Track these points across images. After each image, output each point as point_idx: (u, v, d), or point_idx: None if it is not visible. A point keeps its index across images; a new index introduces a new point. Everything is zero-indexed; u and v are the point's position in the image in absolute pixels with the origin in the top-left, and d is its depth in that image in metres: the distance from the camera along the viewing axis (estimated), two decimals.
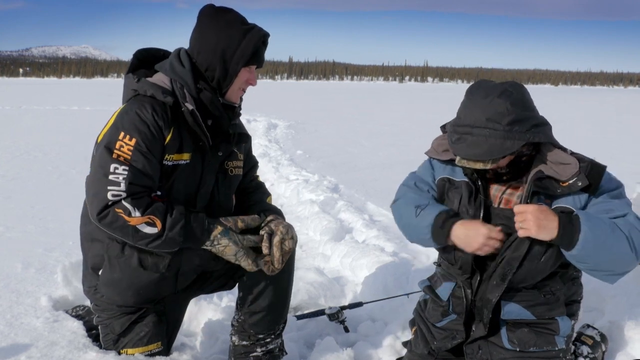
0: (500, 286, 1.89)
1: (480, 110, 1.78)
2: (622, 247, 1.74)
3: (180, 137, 2.01)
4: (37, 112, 17.96)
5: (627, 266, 1.80)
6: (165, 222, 1.91)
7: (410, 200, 2.06)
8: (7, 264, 3.33)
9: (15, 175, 6.70)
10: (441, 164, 2.08)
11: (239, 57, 1.99)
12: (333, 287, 3.19)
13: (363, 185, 6.64)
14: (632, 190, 2.96)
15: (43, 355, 2.19)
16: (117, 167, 1.90)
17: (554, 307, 1.93)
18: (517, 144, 1.76)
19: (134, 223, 1.88)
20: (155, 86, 1.99)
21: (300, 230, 4.62)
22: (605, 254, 1.75)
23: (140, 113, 1.94)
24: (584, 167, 1.80)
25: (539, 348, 1.92)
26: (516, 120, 1.76)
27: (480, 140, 1.76)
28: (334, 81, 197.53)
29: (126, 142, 1.91)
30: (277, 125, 14.44)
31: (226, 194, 2.20)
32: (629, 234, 1.75)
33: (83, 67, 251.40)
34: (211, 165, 2.10)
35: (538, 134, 1.80)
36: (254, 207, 2.25)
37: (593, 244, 1.73)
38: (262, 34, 2.02)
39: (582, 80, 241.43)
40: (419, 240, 2.05)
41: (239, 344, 2.26)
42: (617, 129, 15.26)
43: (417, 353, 2.14)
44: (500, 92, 1.78)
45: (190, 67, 2.01)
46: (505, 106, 1.75)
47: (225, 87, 2.05)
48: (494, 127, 1.75)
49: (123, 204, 1.88)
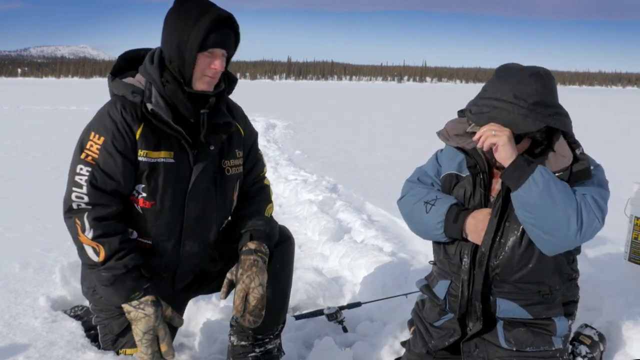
0: (480, 274, 1.91)
1: (509, 85, 1.78)
2: (569, 210, 1.72)
3: (156, 134, 1.98)
4: (36, 112, 17.94)
5: (567, 236, 1.74)
6: (108, 259, 1.90)
7: (418, 196, 2.06)
8: (6, 264, 3.32)
9: (13, 175, 6.70)
10: (449, 158, 2.07)
11: (192, 43, 1.91)
12: (332, 287, 3.19)
13: (362, 185, 6.65)
14: (629, 189, 2.96)
15: (41, 355, 2.19)
16: (82, 168, 1.92)
17: (551, 307, 1.93)
18: (538, 124, 1.76)
19: (81, 240, 1.91)
20: (127, 85, 1.99)
21: (299, 230, 4.63)
22: (550, 210, 1.72)
23: (110, 112, 1.95)
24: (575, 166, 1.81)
25: (535, 348, 1.92)
26: (542, 103, 1.77)
27: (502, 113, 1.77)
28: (332, 81, 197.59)
29: (95, 141, 1.93)
30: (276, 125, 14.44)
31: (223, 195, 2.15)
32: (580, 204, 1.74)
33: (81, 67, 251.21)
34: (203, 162, 2.04)
35: (559, 121, 1.80)
36: (245, 220, 2.17)
37: (540, 192, 1.72)
38: (216, 14, 1.91)
39: (580, 80, 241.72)
40: (429, 236, 2.05)
41: (238, 344, 2.25)
42: (616, 129, 15.27)
43: (415, 352, 2.14)
44: (533, 72, 1.80)
45: (158, 63, 1.98)
46: (535, 87, 1.77)
47: (187, 76, 1.97)
48: (519, 103, 1.76)
49: (84, 218, 1.90)
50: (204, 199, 2.09)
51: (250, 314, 1.98)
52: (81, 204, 1.92)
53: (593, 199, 1.78)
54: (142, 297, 1.94)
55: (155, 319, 1.94)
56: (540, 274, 1.89)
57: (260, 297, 1.99)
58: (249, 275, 2.00)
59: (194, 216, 2.07)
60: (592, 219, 1.75)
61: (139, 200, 1.99)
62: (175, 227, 2.05)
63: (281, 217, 5.15)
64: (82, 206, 1.92)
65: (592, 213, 1.75)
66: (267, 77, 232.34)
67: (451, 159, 2.07)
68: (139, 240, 2.04)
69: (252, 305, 1.98)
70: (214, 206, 2.12)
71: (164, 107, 1.96)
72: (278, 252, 2.21)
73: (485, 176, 1.95)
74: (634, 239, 2.92)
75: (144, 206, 1.99)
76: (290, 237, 2.31)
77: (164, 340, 1.96)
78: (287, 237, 2.30)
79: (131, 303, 1.94)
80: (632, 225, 2.92)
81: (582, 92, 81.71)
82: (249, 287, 1.99)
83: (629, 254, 2.95)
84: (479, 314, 1.95)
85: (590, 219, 1.74)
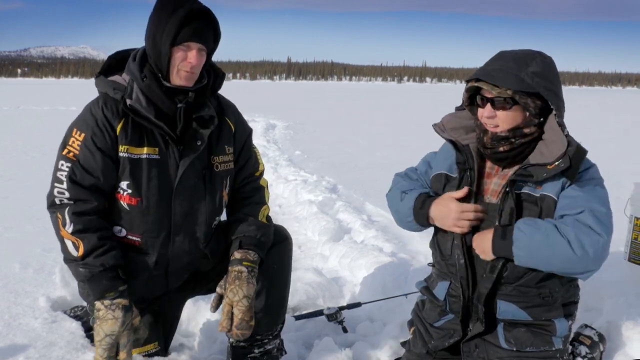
0: (490, 278, 1.90)
1: (512, 56, 1.84)
2: (558, 251, 1.73)
3: (139, 130, 1.98)
4: (35, 112, 17.94)
5: (578, 265, 1.75)
6: (87, 255, 1.92)
7: (399, 187, 2.15)
8: (5, 265, 3.32)
9: (13, 175, 6.70)
10: (442, 159, 2.08)
11: (166, 38, 1.90)
12: (331, 287, 3.19)
13: (362, 185, 6.64)
14: (629, 189, 2.96)
15: (41, 355, 2.19)
16: (63, 164, 1.97)
17: (551, 309, 1.93)
18: (532, 87, 1.78)
19: (62, 235, 1.95)
20: (109, 82, 2.01)
21: (298, 231, 4.63)
22: (545, 260, 1.77)
23: (92, 109, 1.98)
24: (571, 150, 1.80)
25: (535, 348, 1.92)
26: (540, 74, 1.80)
27: (501, 70, 1.80)
28: (332, 81, 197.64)
29: (77, 137, 1.97)
30: (276, 125, 14.44)
31: (212, 191, 2.12)
32: (572, 235, 1.72)
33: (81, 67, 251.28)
34: (189, 158, 2.02)
35: (551, 95, 1.81)
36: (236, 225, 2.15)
37: (528, 254, 1.77)
38: (189, 8, 1.89)
39: (580, 80, 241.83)
40: (405, 224, 2.12)
41: (237, 345, 2.25)
42: (615, 129, 15.28)
43: (415, 353, 2.14)
44: (538, 52, 1.86)
45: (140, 59, 1.99)
46: (537, 61, 1.82)
47: (164, 70, 1.95)
48: (518, 67, 1.79)
49: (65, 213, 1.94)
50: (192, 194, 2.07)
51: (237, 327, 1.98)
52: (63, 199, 1.96)
53: (592, 214, 1.76)
54: (115, 298, 1.93)
55: (122, 324, 1.91)
56: (542, 277, 1.89)
57: (245, 309, 1.99)
58: (232, 290, 2.01)
59: (181, 212, 2.06)
60: (594, 239, 1.73)
61: (125, 197, 1.99)
62: (163, 223, 2.04)
63: (281, 217, 5.15)
64: (64, 201, 1.96)
65: (592, 232, 1.73)
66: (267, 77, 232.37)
67: (444, 159, 2.07)
68: (128, 237, 2.04)
69: (237, 318, 1.99)
70: (202, 202, 2.10)
71: (144, 103, 1.96)
72: (276, 253, 2.21)
73: (472, 173, 1.95)
74: (634, 239, 2.92)
75: (130, 203, 2.00)
76: (288, 237, 2.31)
77: (124, 347, 1.93)
78: (285, 237, 2.30)
79: (103, 302, 1.92)
80: (632, 226, 2.92)
81: (582, 92, 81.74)
82: (232, 302, 2.00)
83: (629, 254, 2.95)
84: (481, 315, 1.95)
85: (591, 239, 1.72)
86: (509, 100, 1.80)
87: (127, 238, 2.04)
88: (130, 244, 2.04)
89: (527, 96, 1.80)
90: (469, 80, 1.90)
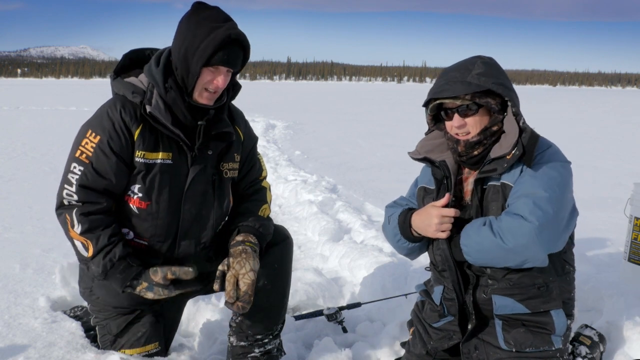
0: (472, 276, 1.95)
1: (454, 68, 1.93)
2: (493, 247, 1.80)
3: (155, 136, 1.99)
4: (35, 112, 17.94)
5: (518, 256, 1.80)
6: (96, 254, 1.94)
7: (388, 215, 2.20)
8: (5, 265, 3.32)
9: (12, 176, 6.69)
10: (423, 177, 2.16)
11: (199, 57, 1.90)
12: (331, 287, 3.19)
13: (361, 185, 6.65)
14: (629, 189, 2.96)
15: (41, 356, 2.19)
16: (75, 167, 1.95)
17: (548, 300, 1.92)
18: (481, 86, 1.83)
19: (71, 236, 1.96)
20: (127, 85, 2.00)
21: (298, 231, 4.63)
22: (489, 257, 1.84)
23: (109, 111, 1.96)
24: (525, 136, 1.85)
25: (535, 348, 1.92)
26: (485, 73, 1.87)
27: (449, 81, 1.88)
28: (332, 81, 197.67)
29: (91, 139, 1.95)
30: (276, 125, 14.44)
31: (221, 197, 2.16)
32: (505, 228, 1.78)
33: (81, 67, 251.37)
34: (199, 165, 2.05)
35: (502, 88, 1.86)
36: (236, 219, 2.19)
37: (475, 255, 1.86)
38: (227, 33, 1.88)
39: (580, 80, 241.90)
40: (397, 245, 2.15)
41: (237, 345, 2.25)
42: (615, 129, 15.28)
43: (415, 353, 2.14)
44: (477, 56, 1.94)
45: (163, 67, 1.97)
46: (477, 63, 1.90)
47: (189, 88, 1.96)
48: (464, 72, 1.88)
49: (72, 214, 1.94)
50: (201, 201, 2.10)
51: (240, 299, 1.97)
52: (72, 200, 1.95)
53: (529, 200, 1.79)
54: (136, 287, 1.99)
55: (159, 297, 2.00)
56: (530, 269, 1.89)
57: (250, 282, 1.98)
58: (239, 262, 2.00)
59: (189, 217, 2.08)
60: (523, 227, 1.75)
61: (135, 200, 2.00)
62: (171, 228, 2.06)
63: (281, 217, 5.15)
64: (72, 202, 1.95)
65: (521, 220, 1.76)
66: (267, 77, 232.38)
67: (424, 176, 2.16)
68: (135, 240, 2.05)
69: (242, 290, 1.98)
70: (210, 208, 2.13)
71: (163, 110, 1.96)
72: (276, 252, 2.21)
73: (449, 181, 1.99)
74: (634, 239, 2.93)
75: (139, 206, 2.00)
76: (288, 237, 2.31)
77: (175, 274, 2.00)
78: (285, 236, 2.30)
79: (127, 290, 2.00)
80: (632, 226, 2.93)
81: (582, 92, 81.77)
82: (238, 274, 1.99)
83: (628, 254, 2.95)
84: (470, 308, 1.96)
85: (521, 228, 1.76)
86: (472, 105, 1.87)
87: (134, 241, 2.05)
88: (137, 247, 2.05)
89: (485, 96, 1.87)
90: (425, 103, 1.99)
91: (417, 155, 2.09)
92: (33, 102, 24.07)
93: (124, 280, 1.97)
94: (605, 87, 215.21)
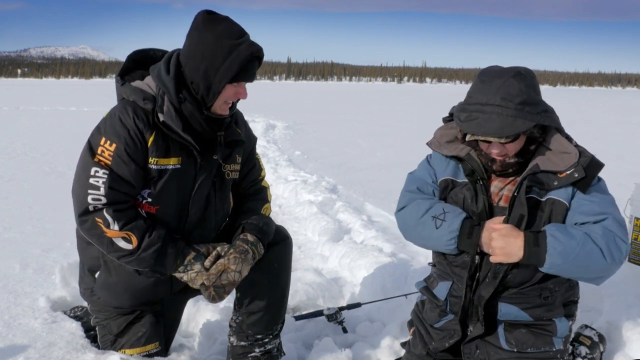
0: (492, 283, 1.90)
1: (494, 89, 1.79)
2: (593, 259, 1.76)
3: (166, 141, 1.99)
4: (35, 113, 17.93)
5: (605, 273, 1.80)
6: (142, 241, 1.93)
7: (422, 209, 2.00)
8: (5, 265, 3.32)
9: (12, 176, 6.69)
10: (442, 162, 2.06)
11: (222, 76, 1.91)
12: (331, 287, 3.19)
13: (361, 185, 6.65)
14: (629, 189, 2.96)
15: (41, 356, 2.19)
16: (98, 171, 1.92)
17: (552, 309, 1.93)
18: (528, 124, 1.77)
19: (110, 235, 1.91)
20: (137, 91, 1.98)
21: (298, 231, 4.63)
22: (577, 268, 1.78)
23: (122, 117, 1.95)
24: (583, 160, 1.83)
25: (536, 349, 1.92)
26: (528, 102, 1.78)
27: (492, 117, 1.77)
28: (332, 82, 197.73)
29: (107, 147, 1.93)
30: (276, 125, 14.44)
31: (222, 198, 2.19)
32: (604, 244, 1.75)
33: (81, 67, 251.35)
34: (205, 170, 2.07)
35: (548, 118, 1.82)
36: (240, 217, 2.21)
37: (562, 261, 1.76)
38: (250, 51, 1.91)
39: (580, 81, 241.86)
40: (436, 249, 2.04)
41: (237, 345, 2.26)
42: (616, 129, 15.28)
43: (415, 354, 2.14)
44: (515, 73, 1.80)
45: (175, 75, 1.95)
46: (519, 87, 1.77)
47: (209, 102, 1.98)
48: (507, 105, 1.76)
49: (104, 214, 1.90)
50: (205, 204, 2.12)
51: (215, 288, 1.98)
52: (98, 205, 1.92)
53: (615, 221, 1.80)
54: (184, 259, 1.99)
55: (205, 270, 2.00)
56: (543, 278, 1.89)
57: (233, 280, 2.00)
58: (236, 258, 2.01)
59: (195, 220, 2.10)
60: (621, 246, 1.77)
61: (144, 204, 2.01)
62: (177, 231, 2.07)
63: (281, 217, 5.15)
64: (98, 207, 1.92)
65: (618, 240, 1.77)
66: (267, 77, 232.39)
67: (444, 164, 2.05)
68: None
69: (222, 282, 1.99)
70: (213, 210, 2.15)
71: (174, 116, 1.96)
72: (276, 252, 2.22)
73: (485, 182, 1.95)
74: (634, 239, 2.93)
75: (148, 211, 2.01)
76: (288, 237, 2.31)
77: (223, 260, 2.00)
78: (285, 236, 2.30)
79: (178, 270, 1.99)
80: (632, 226, 2.92)
81: (582, 92, 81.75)
82: (229, 267, 2.00)
83: (629, 254, 2.95)
84: (481, 318, 1.95)
85: (618, 247, 1.77)
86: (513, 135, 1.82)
87: None
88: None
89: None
90: (464, 132, 1.90)
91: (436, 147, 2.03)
92: (33, 102, 24.06)
93: (177, 255, 1.98)
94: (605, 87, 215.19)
